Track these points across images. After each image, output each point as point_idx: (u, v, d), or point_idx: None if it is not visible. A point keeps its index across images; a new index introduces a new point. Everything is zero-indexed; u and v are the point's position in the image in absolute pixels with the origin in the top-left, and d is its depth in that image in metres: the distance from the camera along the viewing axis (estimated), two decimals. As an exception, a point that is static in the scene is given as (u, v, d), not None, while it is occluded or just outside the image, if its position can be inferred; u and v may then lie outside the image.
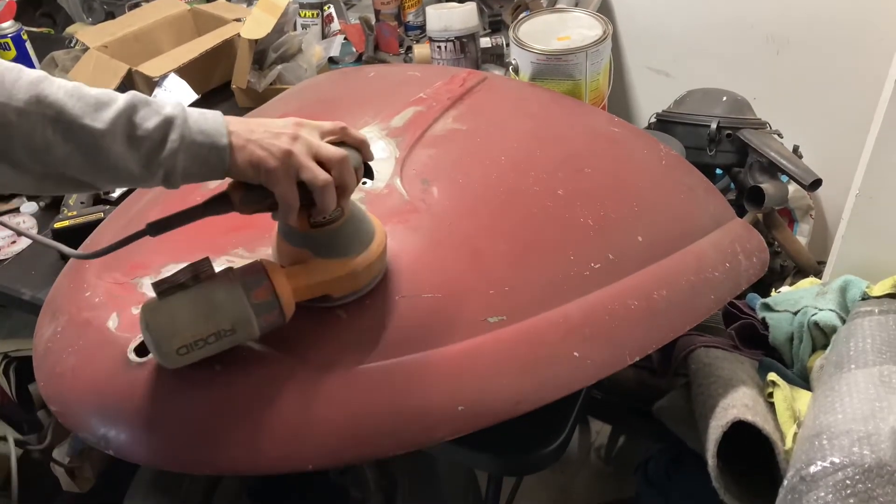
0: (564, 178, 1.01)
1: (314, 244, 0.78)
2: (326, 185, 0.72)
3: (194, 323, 0.71)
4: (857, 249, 1.17)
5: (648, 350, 0.89)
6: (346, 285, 0.80)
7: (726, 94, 1.54)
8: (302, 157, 0.71)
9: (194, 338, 0.71)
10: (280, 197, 0.72)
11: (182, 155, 0.68)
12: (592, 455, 1.83)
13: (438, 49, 1.63)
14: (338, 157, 0.73)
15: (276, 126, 0.73)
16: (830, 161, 1.56)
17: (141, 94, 0.69)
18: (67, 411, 0.83)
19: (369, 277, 0.81)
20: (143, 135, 0.67)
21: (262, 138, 0.71)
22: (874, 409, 0.83)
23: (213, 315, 0.72)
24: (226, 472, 1.20)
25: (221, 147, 0.69)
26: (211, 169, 0.70)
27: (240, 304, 0.72)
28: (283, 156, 0.70)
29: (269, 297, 0.73)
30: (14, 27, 1.71)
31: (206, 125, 0.69)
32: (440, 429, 0.77)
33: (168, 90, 1.50)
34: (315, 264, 0.78)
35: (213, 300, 0.72)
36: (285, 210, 0.73)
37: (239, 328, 0.73)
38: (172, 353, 0.72)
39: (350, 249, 0.79)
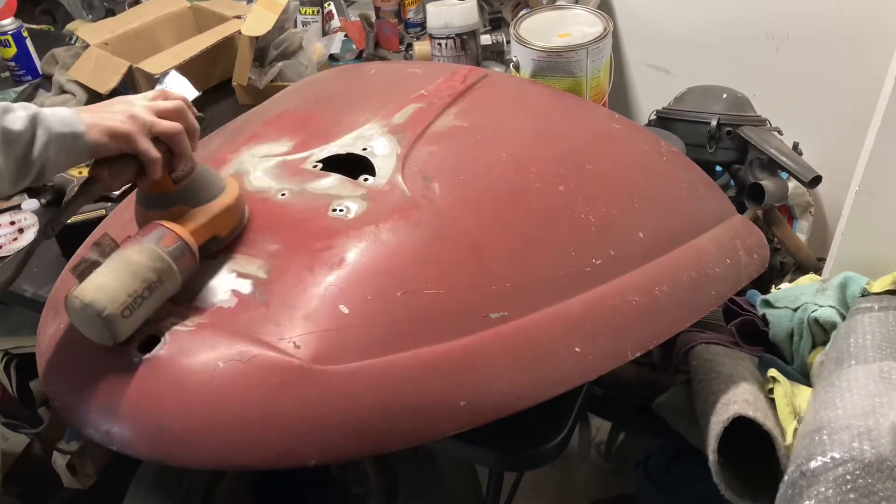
0: (565, 174, 1.01)
1: (184, 197, 0.85)
2: (180, 132, 0.81)
3: (123, 283, 0.75)
4: (856, 246, 1.18)
5: (649, 346, 0.90)
6: (228, 220, 0.87)
7: (726, 91, 1.55)
8: (148, 115, 0.80)
9: (130, 296, 0.75)
10: (143, 155, 0.79)
11: (52, 147, 0.74)
12: (593, 451, 1.83)
13: (439, 46, 1.63)
14: (175, 106, 0.82)
15: (110, 104, 0.81)
16: (830, 158, 1.57)
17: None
18: (70, 407, 0.83)
19: (243, 211, 0.89)
20: (14, 138, 0.73)
21: (106, 113, 0.78)
22: (874, 404, 0.83)
23: (136, 272, 0.76)
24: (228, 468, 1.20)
25: (81, 133, 0.76)
26: (77, 154, 0.76)
27: (155, 254, 0.77)
28: (130, 119, 0.78)
29: (176, 241, 0.79)
30: (14, 24, 1.71)
31: (62, 116, 0.76)
32: (442, 424, 0.77)
33: (169, 87, 1.50)
34: (194, 212, 0.84)
35: (130, 260, 0.77)
36: (151, 166, 0.79)
37: (164, 276, 0.78)
38: (118, 317, 0.74)
39: (216, 190, 0.87)
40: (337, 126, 1.06)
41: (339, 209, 0.90)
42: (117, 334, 0.76)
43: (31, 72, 1.76)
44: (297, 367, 0.76)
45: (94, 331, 0.76)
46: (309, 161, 0.99)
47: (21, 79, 1.76)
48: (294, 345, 0.78)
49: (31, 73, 1.76)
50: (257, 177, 0.98)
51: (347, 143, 1.02)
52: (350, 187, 0.93)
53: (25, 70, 1.75)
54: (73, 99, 1.57)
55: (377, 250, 0.86)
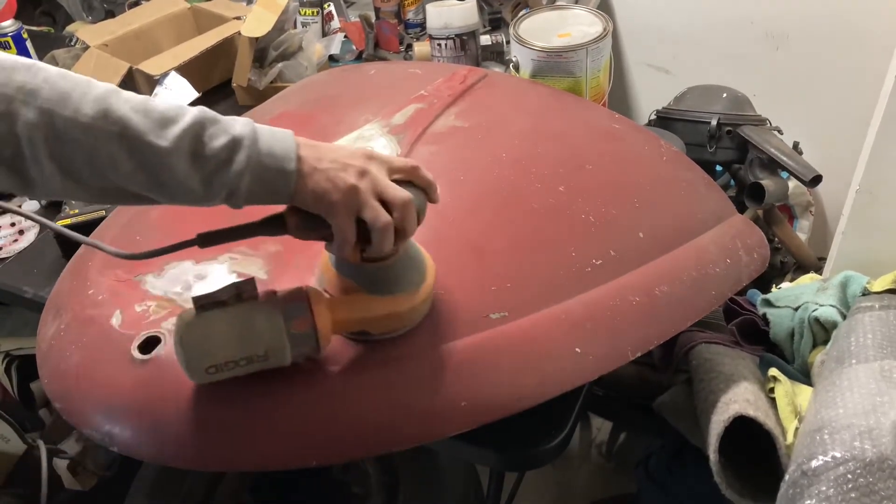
0: (565, 174, 1.01)
1: (363, 278, 0.76)
2: (386, 227, 0.70)
3: (228, 344, 0.70)
4: (857, 245, 1.18)
5: (650, 346, 0.90)
6: (387, 324, 0.78)
7: (726, 91, 1.55)
8: (366, 195, 0.69)
9: (226, 359, 0.70)
10: (337, 230, 0.69)
11: (248, 177, 0.66)
12: (593, 451, 1.83)
13: (439, 47, 1.63)
14: (402, 199, 0.71)
15: (346, 156, 0.70)
16: (830, 157, 1.56)
17: (210, 111, 0.67)
18: (71, 408, 0.83)
19: (412, 319, 0.80)
20: (209, 154, 0.65)
21: (329, 168, 0.68)
22: (875, 403, 0.83)
23: (249, 339, 0.70)
24: (229, 469, 1.20)
25: (289, 172, 0.67)
26: (275, 193, 0.68)
27: (277, 332, 0.71)
28: (347, 190, 0.68)
29: (307, 329, 0.72)
30: (14, 26, 1.71)
31: (276, 147, 0.67)
32: (443, 425, 0.77)
33: (169, 88, 1.50)
34: (360, 299, 0.76)
35: (252, 324, 0.70)
36: (340, 244, 0.71)
37: (272, 355, 0.72)
38: (201, 370, 0.71)
39: (398, 288, 0.77)
40: (337, 126, 1.06)
41: (339, 210, 0.90)
42: (192, 378, 0.72)
43: (31, 73, 1.76)
44: (298, 369, 0.76)
45: (178, 358, 0.71)
46: (309, 162, 0.99)
47: (21, 80, 1.76)
48: (295, 345, 0.78)
49: (31, 74, 1.76)
50: (257, 177, 0.98)
51: (348, 143, 1.02)
52: (350, 188, 0.93)
53: (25, 71, 1.75)
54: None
55: (377, 251, 0.86)
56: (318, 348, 0.74)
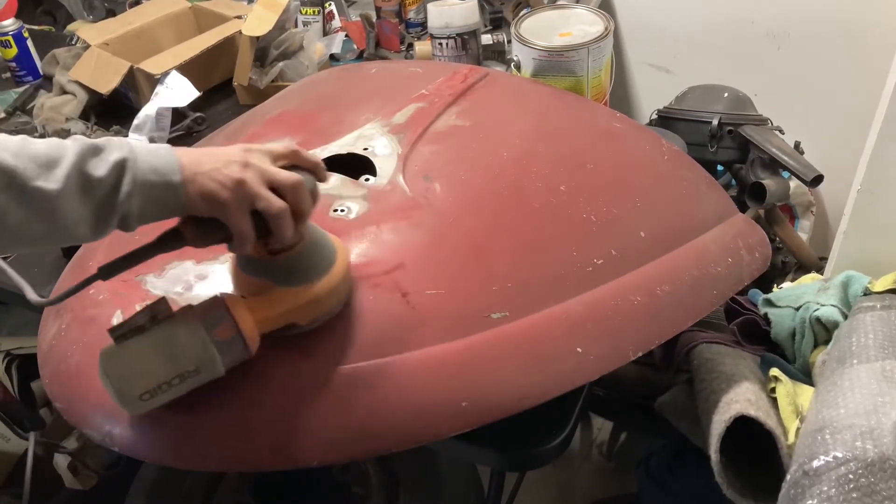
0: (567, 173, 1.01)
1: (274, 273, 0.75)
2: (282, 213, 0.70)
3: (156, 367, 0.69)
4: (858, 245, 1.17)
5: (651, 345, 0.89)
6: (311, 312, 0.77)
7: (727, 91, 1.54)
8: (255, 185, 0.69)
9: (157, 382, 0.69)
10: (235, 228, 0.69)
11: (137, 198, 0.66)
12: (594, 451, 1.83)
13: (440, 46, 1.63)
14: (292, 182, 0.71)
15: (225, 154, 0.70)
16: (832, 157, 1.56)
17: (87, 139, 0.66)
18: (72, 408, 0.83)
19: (334, 302, 0.79)
20: (96, 185, 0.64)
21: (212, 169, 0.68)
22: (877, 403, 0.83)
23: (176, 358, 0.69)
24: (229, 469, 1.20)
25: (176, 185, 0.67)
26: (165, 208, 0.68)
27: (203, 344, 0.69)
28: (234, 186, 0.68)
29: (232, 334, 0.71)
30: (15, 25, 1.71)
31: (157, 163, 0.67)
32: (444, 425, 0.77)
33: (170, 87, 1.50)
34: (277, 294, 0.75)
35: (175, 342, 0.69)
36: (241, 241, 0.70)
37: (204, 369, 0.70)
38: (135, 399, 0.69)
39: (311, 275, 0.76)
40: (338, 126, 1.06)
41: (340, 209, 0.90)
42: (129, 410, 0.71)
43: (32, 72, 1.76)
44: (298, 369, 0.76)
45: (109, 392, 0.70)
46: (310, 161, 0.99)
47: (22, 79, 1.76)
48: (296, 346, 0.78)
49: (31, 73, 1.76)
50: (258, 177, 0.97)
51: (348, 142, 1.02)
52: (351, 187, 0.93)
53: (26, 71, 1.75)
54: (73, 99, 1.57)
55: (378, 251, 0.86)
56: (248, 351, 0.72)
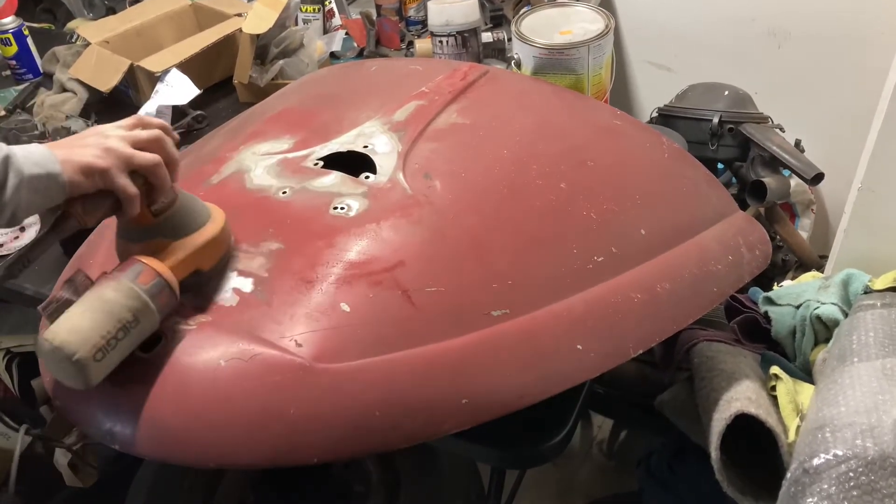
0: (567, 171, 1.01)
1: (165, 230, 0.80)
2: (158, 165, 0.77)
3: (97, 324, 0.71)
4: (859, 243, 1.18)
5: (651, 343, 0.89)
6: (209, 254, 0.82)
7: (728, 89, 1.54)
8: (123, 148, 0.75)
9: (104, 338, 0.71)
10: (121, 191, 0.74)
11: (24, 191, 0.69)
12: (594, 449, 1.83)
13: (440, 44, 1.63)
14: (152, 136, 0.78)
15: (82, 136, 0.76)
16: (832, 155, 1.56)
17: None
18: (72, 406, 0.83)
19: (225, 244, 0.84)
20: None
21: (80, 147, 0.73)
22: (877, 401, 0.83)
23: (112, 312, 0.72)
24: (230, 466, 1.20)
25: (57, 173, 0.71)
26: (51, 196, 0.72)
27: (130, 292, 0.73)
28: (106, 153, 0.73)
29: (154, 278, 0.75)
30: (15, 22, 1.71)
31: (35, 157, 0.71)
32: (444, 422, 0.77)
33: (170, 85, 1.50)
34: (174, 245, 0.80)
35: (105, 298, 0.72)
36: (128, 202, 0.75)
37: (141, 316, 0.74)
38: (90, 361, 0.70)
39: (196, 222, 0.82)
40: (338, 123, 1.06)
41: (340, 207, 0.90)
42: (89, 379, 0.71)
43: (32, 70, 1.76)
44: (299, 366, 0.76)
45: (66, 375, 0.71)
46: (310, 159, 0.99)
47: (22, 77, 1.76)
48: (296, 343, 0.78)
49: (31, 71, 1.76)
50: (258, 175, 0.98)
51: (348, 140, 1.02)
52: (351, 185, 0.93)
53: (26, 68, 1.75)
54: (73, 97, 1.57)
55: (378, 248, 0.86)
56: (173, 293, 0.77)
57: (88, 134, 0.77)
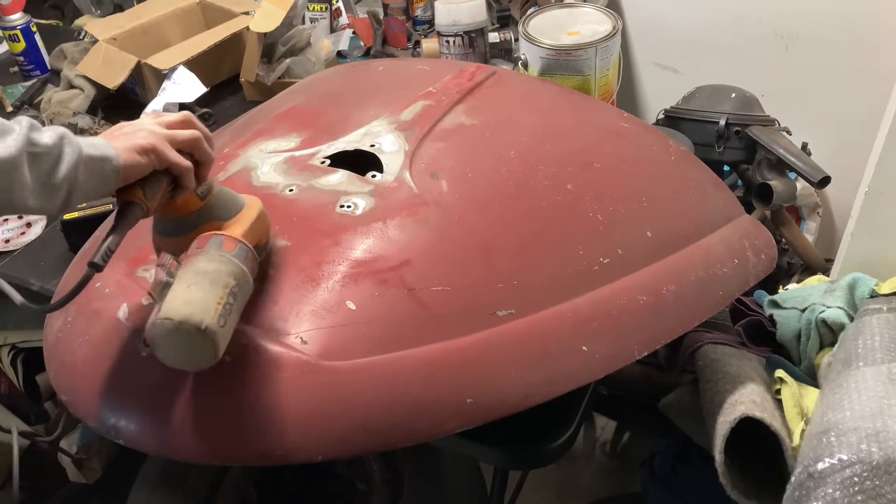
0: (573, 172, 1.01)
1: (215, 211, 0.81)
2: (200, 139, 0.79)
3: (210, 293, 0.71)
4: (865, 247, 1.17)
5: (656, 345, 0.89)
6: (265, 227, 0.84)
7: (735, 91, 1.54)
8: (164, 130, 0.77)
9: (220, 304, 0.71)
10: (176, 166, 0.76)
11: (81, 169, 0.70)
12: (598, 450, 1.83)
13: (447, 44, 1.63)
14: (184, 118, 0.80)
15: (119, 127, 0.77)
16: (839, 158, 1.56)
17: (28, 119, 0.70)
18: (77, 401, 0.83)
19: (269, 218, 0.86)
20: (42, 151, 0.68)
21: (126, 133, 0.75)
22: (882, 406, 0.83)
23: (216, 279, 0.72)
24: (234, 462, 1.20)
25: (113, 156, 0.72)
26: (107, 179, 0.72)
27: (224, 259, 0.74)
28: (152, 134, 0.75)
29: (236, 245, 0.76)
30: (23, 19, 1.72)
31: (91, 140, 0.72)
32: (448, 421, 0.77)
33: (177, 83, 1.50)
34: (231, 223, 0.81)
35: (202, 270, 0.73)
36: (185, 175, 0.77)
37: (240, 279, 0.74)
38: (217, 327, 0.69)
39: (240, 202, 0.84)
40: (345, 122, 1.06)
41: (346, 205, 0.90)
42: (218, 347, 0.70)
43: (40, 67, 1.76)
44: (304, 363, 0.76)
45: (191, 353, 0.70)
46: (317, 157, 0.99)
47: (30, 73, 1.76)
48: (301, 340, 0.78)
49: (39, 67, 1.76)
50: (265, 172, 0.98)
51: (355, 139, 1.02)
52: (358, 184, 0.93)
53: (34, 65, 1.76)
54: (81, 94, 1.57)
55: (384, 247, 0.86)
56: (255, 256, 0.79)
57: (124, 125, 0.77)
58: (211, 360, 0.71)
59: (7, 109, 1.64)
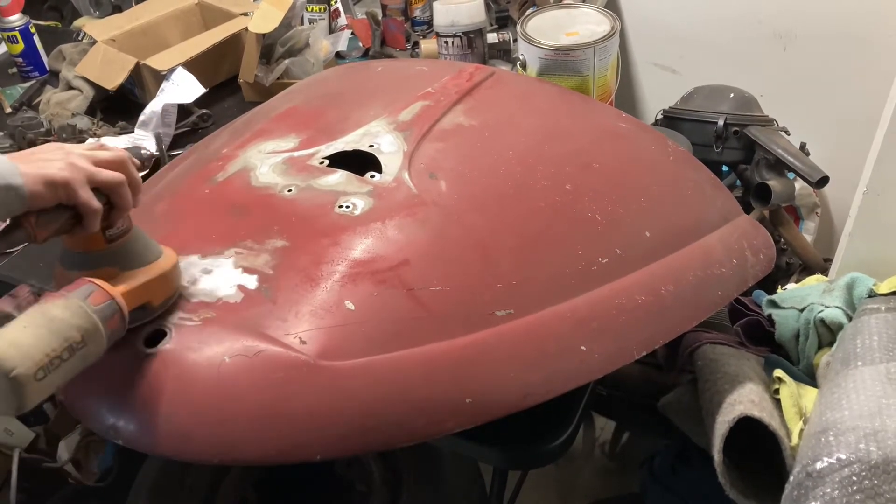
0: (572, 172, 1.01)
1: (116, 258, 0.77)
2: (122, 183, 0.75)
3: (41, 340, 0.65)
4: (864, 246, 1.17)
5: (655, 345, 0.89)
6: (163, 288, 0.80)
7: (733, 91, 1.54)
8: (87, 164, 0.72)
9: (48, 357, 0.64)
10: (83, 206, 0.72)
11: None
12: (597, 450, 1.83)
13: (445, 44, 1.63)
14: (115, 157, 0.75)
15: (43, 150, 0.74)
16: (837, 158, 1.56)
17: None
18: (76, 402, 0.83)
19: (178, 280, 0.82)
20: None
21: (40, 160, 0.71)
22: (881, 405, 0.83)
23: (59, 330, 0.66)
24: (233, 463, 1.20)
25: (18, 185, 0.68)
26: (8, 207, 0.69)
27: (81, 311, 0.68)
28: (69, 167, 0.71)
29: (106, 300, 0.71)
30: (22, 20, 1.72)
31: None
32: (447, 421, 0.77)
33: (176, 84, 1.50)
34: (126, 275, 0.77)
35: (52, 315, 0.67)
36: (90, 217, 0.72)
37: (88, 338, 0.68)
38: (30, 379, 0.63)
39: (150, 256, 0.79)
40: (343, 123, 1.06)
41: (345, 206, 0.90)
42: (24, 400, 0.63)
43: (39, 68, 1.76)
44: (303, 363, 0.76)
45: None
46: (315, 157, 0.99)
47: (28, 75, 1.76)
48: (300, 340, 0.78)
49: (38, 69, 1.76)
50: (264, 173, 0.98)
51: (354, 139, 1.02)
52: (356, 184, 0.93)
53: (33, 66, 1.76)
54: (79, 95, 1.57)
55: (383, 247, 0.86)
56: (124, 320, 0.73)
57: (50, 148, 0.74)
58: (10, 411, 0.64)
59: (6, 111, 1.65)
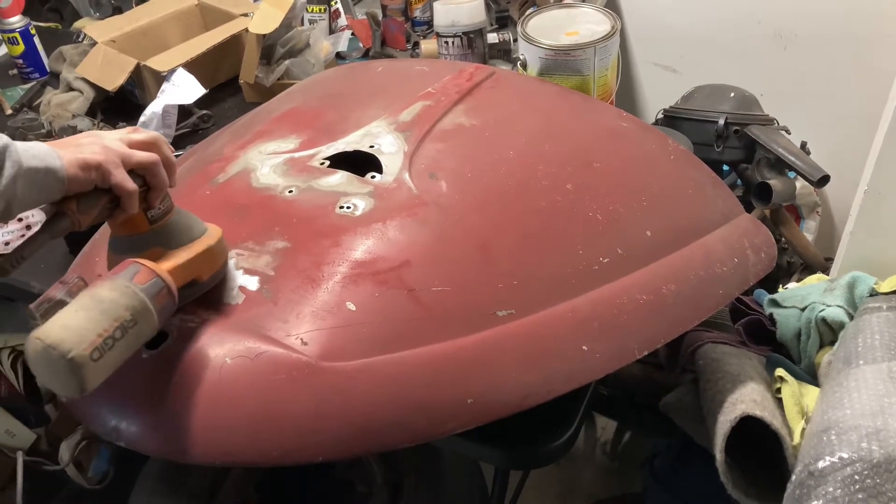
0: (573, 172, 1.01)
1: (161, 238, 0.79)
2: (156, 163, 0.76)
3: (93, 321, 0.67)
4: (865, 245, 1.17)
5: (657, 344, 0.89)
6: (210, 263, 0.81)
7: (734, 90, 1.54)
8: (121, 147, 0.75)
9: (101, 337, 0.66)
10: (118, 187, 0.73)
11: (20, 182, 0.68)
12: (598, 450, 1.83)
13: (446, 44, 1.63)
14: (149, 138, 0.78)
15: (77, 137, 0.76)
16: (838, 157, 1.56)
17: None
18: (78, 403, 0.83)
19: (222, 257, 0.83)
20: None
21: (78, 146, 0.73)
22: (883, 404, 0.83)
23: (108, 309, 0.68)
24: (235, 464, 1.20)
25: (57, 168, 0.70)
26: (48, 190, 0.70)
27: (128, 291, 0.70)
28: (104, 150, 0.73)
29: (152, 277, 0.73)
30: (22, 22, 1.72)
31: (35, 150, 0.70)
32: (449, 421, 0.77)
33: (176, 85, 1.50)
34: (172, 253, 0.78)
35: (101, 297, 0.69)
36: (127, 199, 0.74)
37: (139, 316, 0.70)
38: (87, 360, 0.65)
39: (193, 233, 0.81)
40: (344, 123, 1.06)
41: (346, 206, 0.90)
42: (85, 382, 0.65)
43: (39, 69, 1.76)
44: (304, 364, 0.77)
45: (59, 380, 0.65)
46: (316, 158, 0.99)
47: (29, 76, 1.76)
48: (301, 341, 0.78)
49: (38, 70, 1.76)
50: (265, 174, 0.98)
51: (355, 140, 1.02)
52: (357, 184, 0.93)
53: (33, 67, 1.76)
54: (80, 96, 1.57)
55: (384, 248, 0.86)
56: (172, 295, 0.74)
57: (85, 135, 0.76)
58: (75, 393, 0.66)
59: (6, 112, 1.65)
